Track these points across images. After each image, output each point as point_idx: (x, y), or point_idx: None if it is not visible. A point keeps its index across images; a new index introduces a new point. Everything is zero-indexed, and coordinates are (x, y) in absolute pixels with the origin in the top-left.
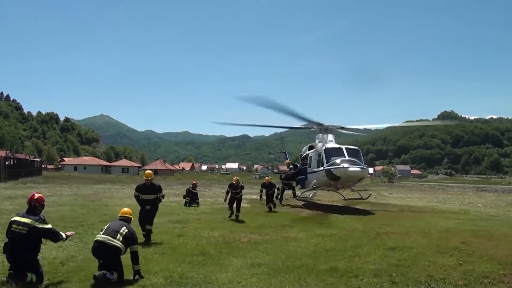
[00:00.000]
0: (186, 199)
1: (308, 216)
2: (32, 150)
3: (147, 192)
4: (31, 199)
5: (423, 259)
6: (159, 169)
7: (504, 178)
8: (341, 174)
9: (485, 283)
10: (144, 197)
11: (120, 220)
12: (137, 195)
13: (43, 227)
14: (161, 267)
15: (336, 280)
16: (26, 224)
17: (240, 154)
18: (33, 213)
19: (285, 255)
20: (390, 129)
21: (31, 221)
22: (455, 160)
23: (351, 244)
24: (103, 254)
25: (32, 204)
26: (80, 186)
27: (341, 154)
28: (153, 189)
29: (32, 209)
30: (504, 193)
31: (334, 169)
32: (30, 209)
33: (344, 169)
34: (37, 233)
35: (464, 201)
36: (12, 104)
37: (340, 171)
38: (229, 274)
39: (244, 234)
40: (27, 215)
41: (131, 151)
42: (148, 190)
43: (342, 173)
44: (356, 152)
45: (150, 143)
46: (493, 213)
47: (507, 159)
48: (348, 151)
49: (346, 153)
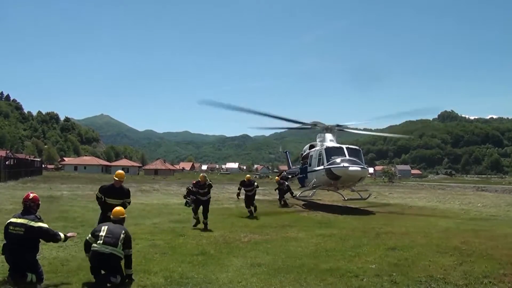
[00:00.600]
0: (187, 199)
1: (308, 216)
2: (32, 150)
3: (113, 195)
4: (26, 199)
5: (423, 259)
6: (159, 169)
7: (504, 178)
8: (341, 174)
9: (485, 283)
10: (109, 201)
11: (117, 224)
12: (100, 196)
13: (39, 226)
14: (161, 267)
15: (336, 280)
16: (23, 224)
17: (240, 154)
18: (29, 213)
19: (285, 255)
20: (391, 129)
21: (27, 221)
22: (455, 160)
23: (351, 244)
24: (105, 265)
25: (28, 204)
26: (80, 186)
27: (342, 154)
28: (120, 193)
29: (27, 209)
30: (504, 193)
31: (334, 168)
32: (25, 209)
33: (344, 168)
34: (34, 233)
35: (464, 201)
36: (12, 104)
37: (341, 170)
38: (229, 274)
39: (244, 234)
40: (23, 215)
41: (131, 151)
42: (115, 193)
43: (343, 172)
44: (356, 151)
45: (150, 143)
46: (493, 213)
47: (507, 159)
48: (348, 150)
49: (347, 152)
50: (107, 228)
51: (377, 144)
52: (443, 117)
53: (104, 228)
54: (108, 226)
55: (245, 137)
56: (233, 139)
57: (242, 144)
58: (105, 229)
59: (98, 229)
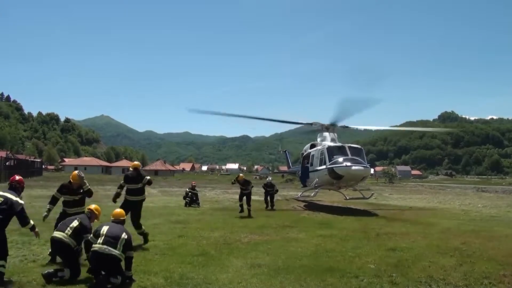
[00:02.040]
0: (186, 200)
1: (308, 216)
2: (33, 150)
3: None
4: (12, 180)
5: (423, 260)
6: (159, 169)
7: (504, 179)
8: (343, 173)
9: (486, 284)
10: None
11: (118, 224)
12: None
13: (17, 201)
14: (161, 267)
15: (336, 280)
16: (5, 197)
17: (241, 155)
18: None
19: (286, 256)
20: (391, 130)
21: (13, 196)
22: (456, 160)
23: (351, 244)
24: (104, 265)
25: (13, 185)
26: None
27: (344, 153)
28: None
29: (13, 188)
30: (505, 193)
31: (336, 168)
32: (10, 188)
33: (347, 167)
34: (15, 209)
35: (465, 201)
36: (12, 105)
37: (343, 170)
38: (229, 274)
39: (244, 235)
40: (8, 190)
41: (132, 151)
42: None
43: (345, 171)
44: (359, 151)
45: (150, 143)
46: (493, 214)
47: (507, 160)
48: (351, 149)
49: (349, 151)
50: (108, 228)
51: (377, 145)
52: (444, 117)
53: (104, 228)
54: (109, 227)
55: (245, 138)
56: (233, 140)
57: (242, 144)
58: (105, 229)
59: (99, 229)
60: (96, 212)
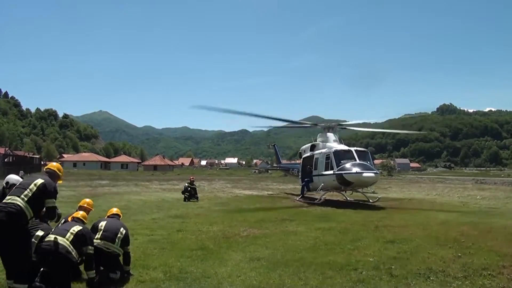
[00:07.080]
0: (185, 195)
1: (307, 210)
2: (31, 147)
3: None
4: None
5: (422, 252)
6: (158, 164)
7: (503, 171)
8: (354, 180)
9: (485, 275)
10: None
11: (114, 219)
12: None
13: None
14: (160, 261)
15: (335, 273)
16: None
17: (239, 149)
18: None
19: (284, 249)
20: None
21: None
22: (454, 153)
23: (350, 237)
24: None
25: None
26: (80, 182)
27: (351, 157)
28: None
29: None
30: (503, 185)
31: (346, 174)
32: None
33: (357, 174)
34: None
35: (463, 193)
36: (10, 101)
37: (353, 177)
38: (228, 268)
39: (243, 229)
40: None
41: (130, 147)
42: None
43: (356, 178)
44: (365, 154)
45: (149, 138)
46: (492, 205)
47: (506, 151)
48: (357, 153)
49: (356, 155)
50: (105, 223)
51: (376, 138)
52: (442, 110)
53: (102, 223)
54: (106, 222)
55: (244, 132)
56: (232, 134)
57: (241, 139)
58: (103, 224)
59: (97, 224)
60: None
